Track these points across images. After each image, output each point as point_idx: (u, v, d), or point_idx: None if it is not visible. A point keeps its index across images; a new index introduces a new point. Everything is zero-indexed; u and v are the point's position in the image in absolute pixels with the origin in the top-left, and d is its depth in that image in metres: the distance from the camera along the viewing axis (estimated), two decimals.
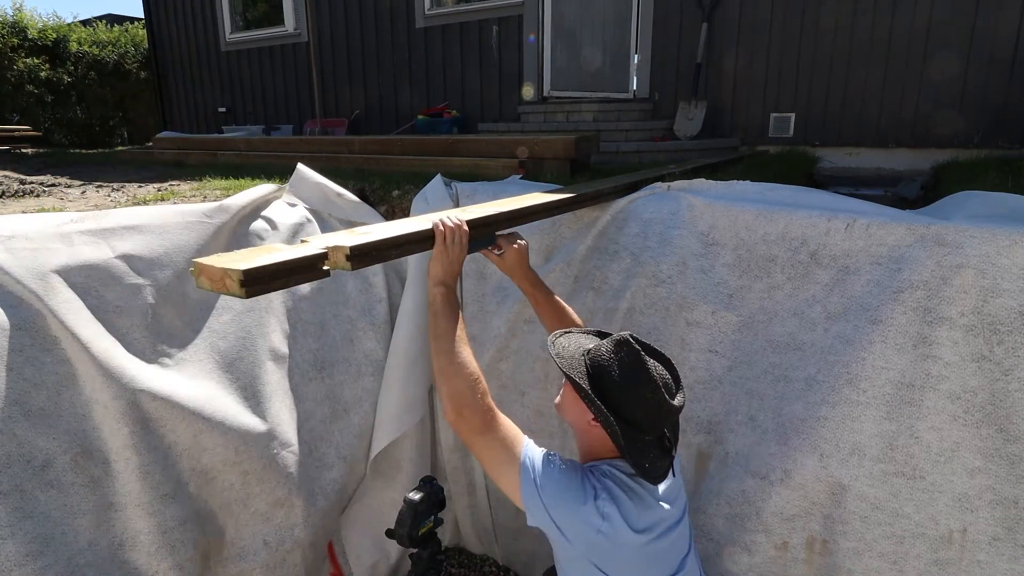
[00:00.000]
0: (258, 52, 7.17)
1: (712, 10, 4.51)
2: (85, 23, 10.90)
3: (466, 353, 1.39)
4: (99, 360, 1.66)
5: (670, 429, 1.47)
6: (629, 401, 1.38)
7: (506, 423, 1.40)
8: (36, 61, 9.13)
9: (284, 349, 2.21)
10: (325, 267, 1.24)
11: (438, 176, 2.61)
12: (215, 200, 2.23)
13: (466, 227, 1.51)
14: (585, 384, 1.39)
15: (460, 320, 1.44)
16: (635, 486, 1.40)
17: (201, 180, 3.52)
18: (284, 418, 2.14)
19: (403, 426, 2.47)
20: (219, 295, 2.05)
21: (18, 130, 7.71)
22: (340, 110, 6.55)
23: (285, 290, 2.26)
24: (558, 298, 1.83)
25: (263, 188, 2.40)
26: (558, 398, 1.52)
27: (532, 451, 1.39)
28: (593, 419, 1.40)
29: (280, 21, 6.85)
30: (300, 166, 2.55)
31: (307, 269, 1.20)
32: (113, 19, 11.83)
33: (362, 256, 1.27)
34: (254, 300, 2.13)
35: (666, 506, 1.44)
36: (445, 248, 1.47)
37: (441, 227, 1.47)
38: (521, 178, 3.02)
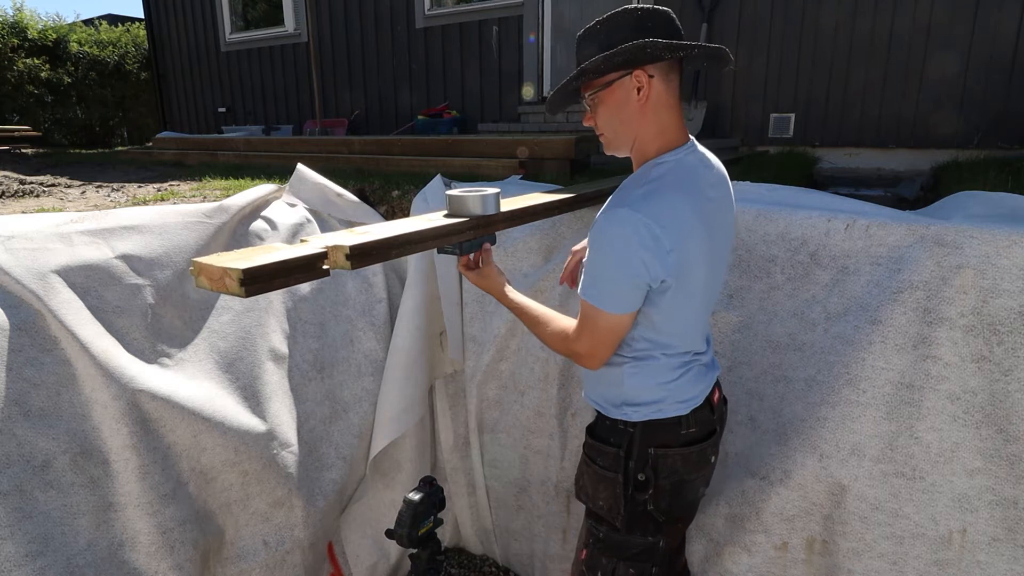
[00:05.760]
0: (258, 52, 7.18)
1: (712, 10, 4.51)
2: (86, 23, 10.91)
3: (543, 329, 1.52)
4: (99, 360, 1.66)
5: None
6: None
7: (588, 327, 1.40)
8: (36, 61, 9.13)
9: (284, 349, 2.21)
10: (325, 266, 1.23)
11: (438, 176, 2.62)
12: (215, 200, 2.23)
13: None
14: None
15: (527, 307, 1.56)
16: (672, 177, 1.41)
17: (201, 180, 3.53)
18: (284, 418, 2.14)
19: (403, 426, 2.47)
20: (219, 295, 2.05)
21: (18, 130, 7.72)
22: (340, 110, 6.55)
23: (285, 291, 2.26)
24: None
25: (263, 188, 2.40)
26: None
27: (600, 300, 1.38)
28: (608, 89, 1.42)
29: (280, 21, 6.85)
30: (300, 166, 2.55)
31: (307, 268, 1.20)
32: (113, 19, 11.84)
33: (362, 255, 1.27)
34: (254, 300, 2.13)
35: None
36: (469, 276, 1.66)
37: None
38: (521, 178, 3.02)
